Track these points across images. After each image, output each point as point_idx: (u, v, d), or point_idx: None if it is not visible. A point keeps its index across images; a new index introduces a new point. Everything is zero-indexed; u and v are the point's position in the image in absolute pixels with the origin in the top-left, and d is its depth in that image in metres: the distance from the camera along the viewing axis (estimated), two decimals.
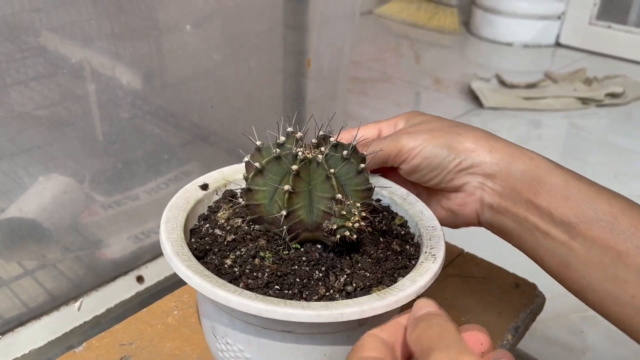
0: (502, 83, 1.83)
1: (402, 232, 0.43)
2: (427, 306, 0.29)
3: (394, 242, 0.41)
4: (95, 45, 0.65)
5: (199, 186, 0.45)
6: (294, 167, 0.35)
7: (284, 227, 0.37)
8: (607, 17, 2.21)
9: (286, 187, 0.35)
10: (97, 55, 0.65)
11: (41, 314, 0.63)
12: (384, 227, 0.43)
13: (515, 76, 1.87)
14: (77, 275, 0.68)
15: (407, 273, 0.38)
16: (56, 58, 0.62)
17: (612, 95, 1.76)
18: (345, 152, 0.37)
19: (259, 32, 0.78)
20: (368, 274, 0.38)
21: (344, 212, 0.36)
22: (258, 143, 0.38)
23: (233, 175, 0.47)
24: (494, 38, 2.34)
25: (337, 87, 0.90)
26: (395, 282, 0.37)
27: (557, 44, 2.33)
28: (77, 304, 0.66)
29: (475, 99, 1.75)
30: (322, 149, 0.37)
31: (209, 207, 0.45)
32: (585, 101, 1.75)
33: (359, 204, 0.36)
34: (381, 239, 0.42)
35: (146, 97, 0.71)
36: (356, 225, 0.36)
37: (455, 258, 0.60)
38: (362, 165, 0.38)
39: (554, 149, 1.51)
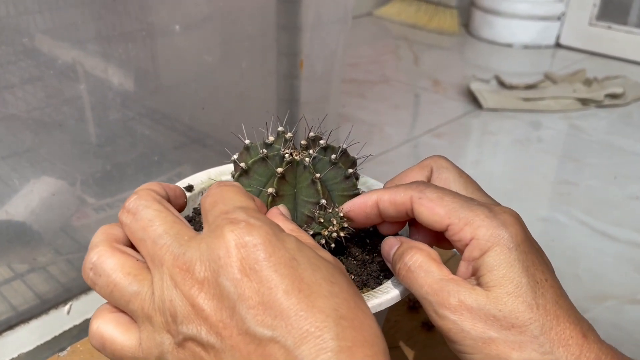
0: (502, 84, 1.82)
1: None
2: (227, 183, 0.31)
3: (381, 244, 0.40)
4: (87, 48, 0.64)
5: (184, 187, 0.44)
6: (279, 170, 0.35)
7: None
8: (607, 17, 2.20)
9: (270, 190, 0.35)
10: (88, 57, 0.65)
11: (30, 318, 0.63)
12: (371, 229, 0.42)
13: (515, 77, 1.86)
14: (67, 278, 0.68)
15: (393, 275, 0.37)
16: (48, 60, 0.62)
17: (612, 96, 1.75)
18: (333, 156, 0.36)
19: (252, 34, 0.78)
20: (353, 276, 0.37)
21: (322, 220, 0.35)
22: (247, 142, 0.38)
23: (220, 176, 0.47)
24: (493, 39, 2.33)
25: (330, 89, 0.89)
26: (381, 284, 0.36)
27: (557, 45, 2.32)
28: (67, 307, 0.65)
29: (474, 100, 1.74)
30: (311, 151, 0.36)
31: (194, 208, 0.44)
32: (585, 102, 1.74)
33: (342, 214, 0.36)
34: (367, 241, 0.41)
35: (138, 99, 0.70)
36: (333, 235, 0.35)
37: (447, 261, 0.59)
38: (350, 171, 0.37)
39: (554, 151, 1.51)
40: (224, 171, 0.47)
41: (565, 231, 1.16)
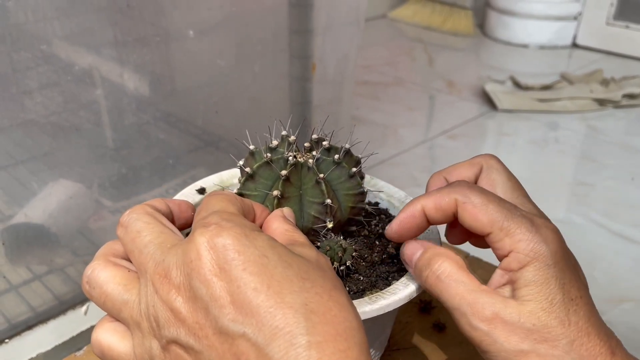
0: (517, 85, 1.81)
1: None
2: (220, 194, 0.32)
3: (390, 245, 0.41)
4: (103, 53, 0.65)
5: (196, 190, 0.45)
6: (283, 172, 0.35)
7: None
8: (624, 17, 2.17)
9: (275, 192, 0.35)
10: (105, 62, 0.66)
11: (48, 318, 0.64)
12: (381, 231, 0.42)
13: (531, 78, 1.84)
14: None
15: (402, 276, 0.37)
16: (65, 65, 0.63)
17: (630, 96, 1.73)
18: (336, 156, 0.37)
19: (264, 38, 0.79)
20: (362, 278, 0.38)
21: (328, 248, 0.36)
22: (251, 147, 0.38)
23: (231, 179, 0.48)
24: (509, 40, 2.32)
25: (343, 91, 0.90)
26: (389, 285, 0.37)
27: (574, 45, 2.30)
28: (84, 308, 0.66)
29: (489, 101, 1.73)
30: (314, 152, 0.37)
31: None
32: (602, 102, 1.72)
33: (353, 253, 0.36)
34: (377, 242, 0.41)
35: (152, 103, 0.72)
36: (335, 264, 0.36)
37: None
38: (354, 169, 0.37)
39: (570, 152, 1.49)
40: (236, 174, 0.48)
41: (582, 233, 1.15)
